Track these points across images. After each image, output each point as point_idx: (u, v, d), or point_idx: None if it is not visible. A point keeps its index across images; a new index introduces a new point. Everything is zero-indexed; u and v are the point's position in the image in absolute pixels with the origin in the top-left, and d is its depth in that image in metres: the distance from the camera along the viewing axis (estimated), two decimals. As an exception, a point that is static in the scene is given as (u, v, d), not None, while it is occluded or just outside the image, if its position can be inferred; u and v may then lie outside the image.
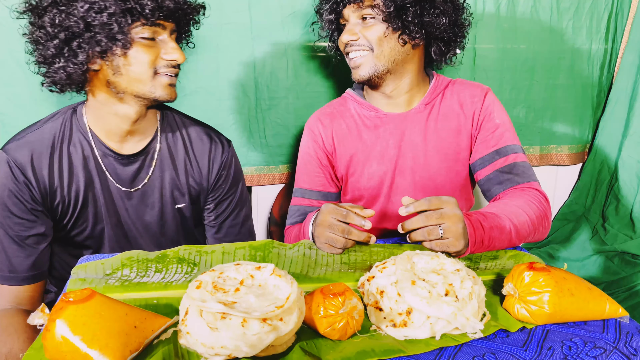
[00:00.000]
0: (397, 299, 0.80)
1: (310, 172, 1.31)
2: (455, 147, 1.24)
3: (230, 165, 1.23)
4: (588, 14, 1.71)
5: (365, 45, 1.18)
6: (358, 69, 1.20)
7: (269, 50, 1.52)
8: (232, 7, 1.46)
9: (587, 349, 0.76)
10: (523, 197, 1.11)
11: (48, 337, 0.67)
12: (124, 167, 1.12)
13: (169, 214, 1.19)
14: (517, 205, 1.07)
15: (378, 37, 1.17)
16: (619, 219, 1.79)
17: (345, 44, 1.21)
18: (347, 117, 1.30)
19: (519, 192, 1.14)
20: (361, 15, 1.18)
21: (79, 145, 1.10)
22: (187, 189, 1.19)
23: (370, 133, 1.27)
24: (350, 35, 1.18)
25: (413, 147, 1.24)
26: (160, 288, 0.88)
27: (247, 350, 0.68)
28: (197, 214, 1.25)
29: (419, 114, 1.25)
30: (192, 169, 1.18)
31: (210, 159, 1.20)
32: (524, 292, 0.81)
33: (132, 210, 1.16)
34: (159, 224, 1.19)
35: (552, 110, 1.80)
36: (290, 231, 1.27)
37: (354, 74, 1.22)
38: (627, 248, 1.73)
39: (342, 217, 0.95)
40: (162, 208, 1.18)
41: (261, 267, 0.80)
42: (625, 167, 1.79)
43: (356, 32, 1.18)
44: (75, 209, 1.11)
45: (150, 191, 1.16)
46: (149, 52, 0.99)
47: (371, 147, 1.26)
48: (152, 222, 1.19)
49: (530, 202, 1.10)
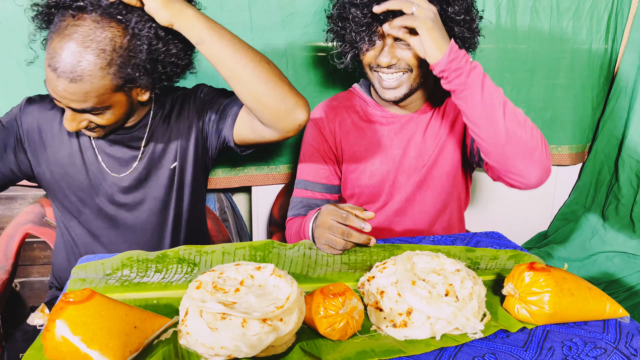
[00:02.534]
0: (397, 299, 0.80)
1: (314, 164, 1.29)
2: (458, 148, 1.24)
3: (210, 86, 1.20)
4: (588, 14, 1.71)
5: (403, 68, 1.12)
6: (393, 90, 1.15)
7: (269, 50, 1.52)
8: (232, 7, 1.46)
9: (587, 349, 0.76)
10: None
11: (48, 337, 0.67)
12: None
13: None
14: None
15: (420, 60, 1.11)
16: (619, 219, 1.79)
17: (378, 64, 1.13)
18: (352, 112, 1.29)
19: None
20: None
21: None
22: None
23: (375, 131, 1.27)
24: (392, 58, 1.10)
25: (417, 147, 1.25)
26: (160, 288, 0.88)
27: (247, 351, 0.68)
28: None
29: (423, 115, 1.25)
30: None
31: (191, 95, 1.18)
32: (524, 292, 0.81)
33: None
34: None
35: (552, 111, 1.80)
36: (291, 224, 1.25)
37: (385, 94, 1.16)
38: (627, 248, 1.73)
39: (342, 219, 0.95)
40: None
41: (261, 267, 0.80)
42: (625, 167, 1.79)
43: (396, 54, 1.11)
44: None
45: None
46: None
47: (375, 144, 1.26)
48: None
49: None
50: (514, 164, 1.01)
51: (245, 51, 0.95)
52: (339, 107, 1.30)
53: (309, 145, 1.31)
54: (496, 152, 1.02)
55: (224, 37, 0.93)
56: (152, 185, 1.15)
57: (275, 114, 0.99)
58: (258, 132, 1.06)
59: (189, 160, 1.16)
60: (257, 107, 0.98)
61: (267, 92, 0.96)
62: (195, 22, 0.91)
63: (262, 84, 0.96)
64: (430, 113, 1.25)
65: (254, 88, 0.96)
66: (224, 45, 0.93)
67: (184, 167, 1.16)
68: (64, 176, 1.12)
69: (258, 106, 0.98)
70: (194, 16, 0.91)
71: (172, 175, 1.15)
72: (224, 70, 0.96)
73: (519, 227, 2.00)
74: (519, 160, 1.01)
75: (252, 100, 0.98)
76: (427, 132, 1.24)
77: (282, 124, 1.01)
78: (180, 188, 1.17)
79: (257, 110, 0.99)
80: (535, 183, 1.04)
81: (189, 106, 1.17)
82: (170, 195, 1.17)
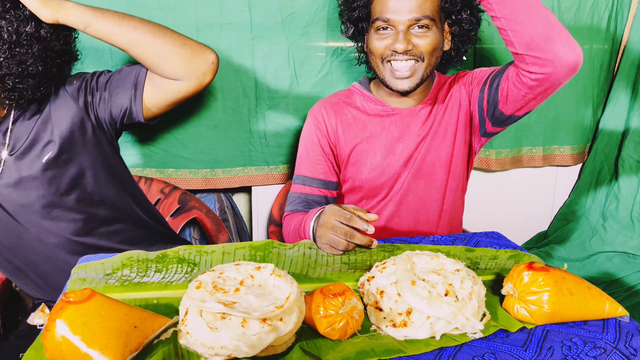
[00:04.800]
0: (397, 299, 0.80)
1: (312, 160, 1.30)
2: (457, 140, 1.26)
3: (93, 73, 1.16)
4: (589, 14, 1.71)
5: (416, 55, 1.14)
6: (406, 80, 1.17)
7: (269, 50, 1.52)
8: (232, 7, 1.46)
9: (587, 349, 0.76)
10: None
11: (48, 337, 0.67)
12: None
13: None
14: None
15: (433, 48, 1.14)
16: (619, 219, 1.79)
17: (391, 52, 1.15)
18: (352, 108, 1.30)
19: None
20: (413, 24, 1.13)
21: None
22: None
23: (377, 124, 1.27)
24: (407, 44, 1.12)
25: (418, 140, 1.26)
26: (160, 288, 0.88)
27: (247, 351, 0.68)
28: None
29: (425, 108, 1.27)
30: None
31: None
32: (523, 292, 0.81)
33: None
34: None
35: (553, 111, 1.80)
36: (289, 220, 1.25)
37: (398, 84, 1.18)
38: (627, 248, 1.73)
39: (345, 220, 0.95)
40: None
41: (261, 267, 0.80)
42: (625, 167, 1.79)
43: (412, 41, 1.13)
44: None
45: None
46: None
47: (376, 138, 1.27)
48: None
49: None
50: (553, 47, 1.00)
51: (131, 18, 1.02)
52: (338, 104, 1.31)
53: (307, 141, 1.31)
54: (536, 36, 1.00)
55: (108, 13, 1.01)
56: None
57: (183, 60, 1.03)
58: (172, 89, 1.08)
59: (76, 147, 1.10)
60: (163, 61, 1.03)
61: (166, 43, 1.02)
62: (77, 11, 0.99)
63: (160, 38, 1.02)
64: (430, 104, 1.27)
65: (153, 44, 1.02)
66: (110, 18, 1.01)
67: (64, 153, 1.09)
68: None
69: (164, 60, 1.03)
70: (74, 6, 0.99)
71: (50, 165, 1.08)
72: (119, 40, 1.02)
73: (519, 227, 2.00)
74: (557, 41, 1.00)
75: (156, 56, 1.03)
76: (428, 127, 1.26)
77: (194, 68, 1.05)
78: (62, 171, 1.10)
79: (165, 64, 1.03)
80: (574, 61, 1.02)
81: (62, 96, 1.11)
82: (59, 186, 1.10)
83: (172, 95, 1.10)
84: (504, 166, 1.81)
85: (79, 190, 1.13)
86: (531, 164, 1.85)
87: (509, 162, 1.81)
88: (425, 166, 1.27)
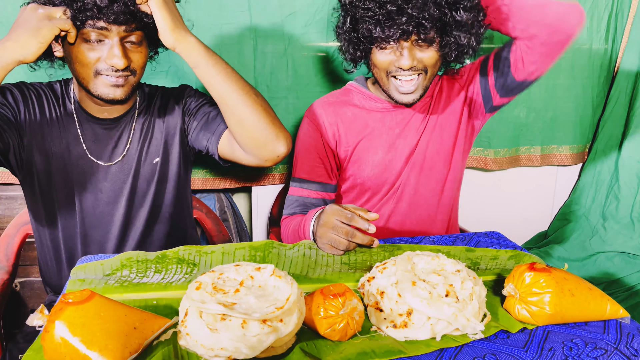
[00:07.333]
0: (397, 300, 0.80)
1: (310, 163, 1.29)
2: (460, 131, 1.27)
3: (196, 90, 1.24)
4: (588, 14, 1.71)
5: (420, 69, 1.14)
6: (411, 94, 1.17)
7: (269, 50, 1.52)
8: (232, 7, 1.45)
9: (588, 349, 0.75)
10: None
11: (47, 338, 0.67)
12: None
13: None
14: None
15: (436, 61, 1.15)
16: (619, 219, 1.79)
17: (396, 68, 1.13)
18: (351, 106, 1.29)
19: None
20: (417, 39, 1.11)
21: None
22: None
23: (378, 121, 1.27)
24: (412, 60, 1.12)
25: (420, 136, 1.26)
26: (160, 289, 0.88)
27: (247, 352, 0.68)
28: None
29: (424, 103, 1.27)
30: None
31: (178, 95, 1.22)
32: (524, 292, 0.81)
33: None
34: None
35: (552, 111, 1.80)
36: (287, 223, 1.25)
37: (402, 98, 1.18)
38: (627, 248, 1.73)
39: (346, 220, 0.95)
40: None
41: (261, 268, 0.80)
42: (625, 167, 1.79)
43: (417, 56, 1.13)
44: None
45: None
46: (89, 54, 1.02)
47: (377, 135, 1.27)
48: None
49: None
50: (556, 15, 1.07)
51: (237, 79, 1.03)
52: (337, 103, 1.30)
53: (305, 143, 1.30)
54: (543, 25, 1.07)
55: (218, 65, 1.01)
56: (135, 178, 1.17)
57: (256, 142, 1.05)
58: (236, 154, 1.11)
59: (173, 156, 1.20)
60: (240, 132, 1.04)
61: (251, 118, 1.02)
62: (194, 49, 0.99)
63: (247, 110, 1.02)
64: (429, 98, 1.28)
65: (240, 113, 1.02)
66: (217, 71, 1.00)
67: (167, 162, 1.20)
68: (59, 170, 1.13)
69: (241, 131, 1.04)
70: (194, 43, 0.99)
71: (154, 169, 1.19)
72: (214, 93, 1.03)
73: (519, 227, 2.00)
74: (553, 15, 1.07)
75: (236, 124, 1.04)
76: (427, 122, 1.26)
77: (261, 153, 1.06)
78: (161, 182, 1.20)
79: (240, 135, 1.05)
80: (578, 21, 1.08)
81: (176, 105, 1.20)
82: (149, 188, 1.19)
83: (236, 157, 1.13)
84: (502, 165, 1.81)
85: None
86: (529, 163, 1.85)
87: (507, 161, 1.82)
88: (426, 161, 1.27)
